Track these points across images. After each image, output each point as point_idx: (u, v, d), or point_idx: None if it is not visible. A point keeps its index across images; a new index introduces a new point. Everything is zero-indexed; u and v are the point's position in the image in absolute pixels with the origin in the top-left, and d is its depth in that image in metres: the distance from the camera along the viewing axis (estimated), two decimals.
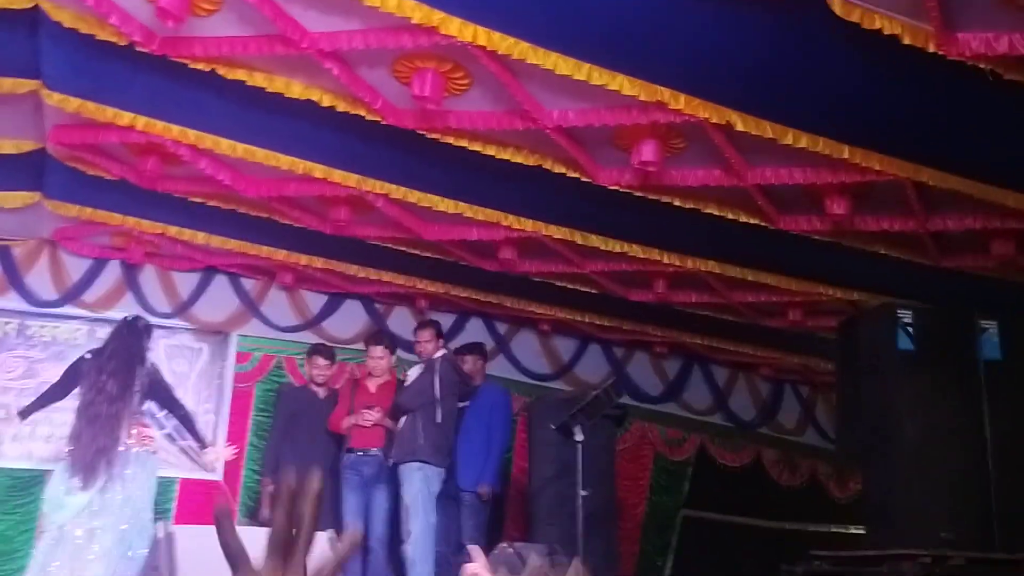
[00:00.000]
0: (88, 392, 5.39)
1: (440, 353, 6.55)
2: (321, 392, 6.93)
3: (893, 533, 5.44)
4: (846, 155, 4.90)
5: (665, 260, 6.70)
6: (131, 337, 5.63)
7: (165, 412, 6.04)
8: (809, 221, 5.88)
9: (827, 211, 5.57)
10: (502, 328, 8.93)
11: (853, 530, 9.10)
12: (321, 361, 7.03)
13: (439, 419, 6.18)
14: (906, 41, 3.88)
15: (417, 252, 7.15)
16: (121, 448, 5.26)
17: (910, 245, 6.18)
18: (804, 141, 4.80)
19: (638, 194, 5.68)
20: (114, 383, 5.38)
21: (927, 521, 5.40)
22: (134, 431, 5.39)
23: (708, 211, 5.83)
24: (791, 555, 6.70)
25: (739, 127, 4.68)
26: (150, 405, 5.77)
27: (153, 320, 7.58)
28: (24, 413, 5.56)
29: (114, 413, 5.31)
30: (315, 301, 8.32)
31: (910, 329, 5.54)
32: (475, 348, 7.34)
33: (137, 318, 5.86)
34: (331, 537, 4.32)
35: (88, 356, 5.61)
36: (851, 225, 5.78)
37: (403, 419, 6.34)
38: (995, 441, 5.55)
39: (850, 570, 5.61)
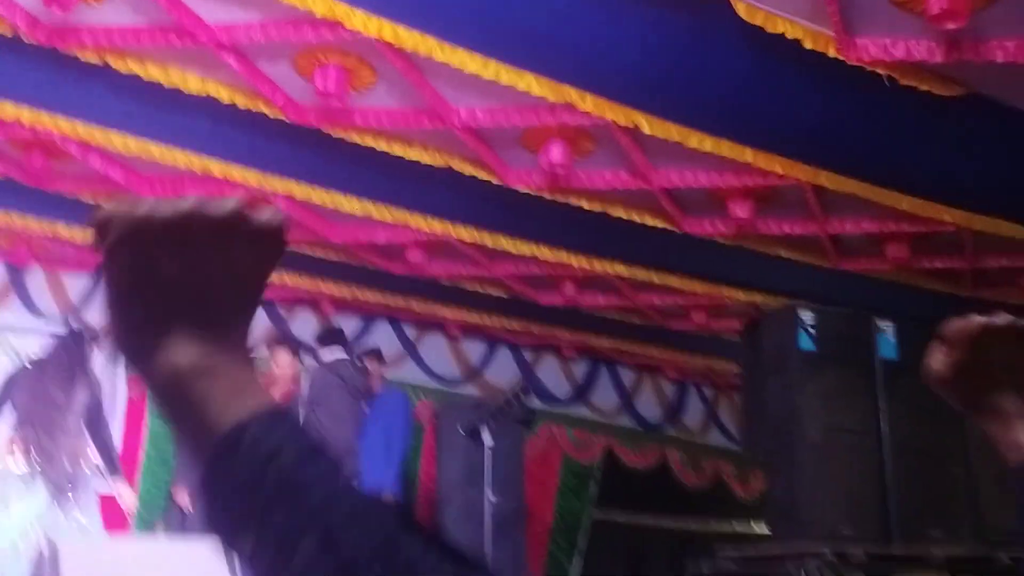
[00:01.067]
0: (32, 400, 5.11)
1: (328, 358, 6.35)
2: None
3: (796, 530, 5.53)
4: (749, 158, 4.97)
5: (574, 263, 6.70)
6: (76, 346, 5.33)
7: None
8: (713, 224, 5.96)
9: (730, 214, 5.66)
10: (410, 332, 8.81)
11: (757, 529, 9.29)
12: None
13: (309, 424, 6.03)
14: (807, 45, 3.95)
15: (322, 255, 6.99)
16: (66, 463, 5.02)
17: (810, 248, 6.33)
18: (708, 144, 4.84)
19: (547, 196, 5.66)
20: (59, 392, 5.12)
21: (829, 518, 5.51)
22: (82, 450, 5.13)
23: (615, 214, 5.85)
24: (697, 553, 6.79)
25: (645, 129, 4.69)
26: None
27: (42, 325, 7.32)
28: None
29: (60, 421, 5.08)
30: None
31: (811, 330, 5.66)
32: (373, 353, 7.20)
33: (81, 325, 5.51)
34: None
35: (28, 367, 5.27)
36: (754, 228, 5.89)
37: None
38: (892, 438, 5.71)
39: (755, 567, 5.69)
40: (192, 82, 4.70)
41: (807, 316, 5.70)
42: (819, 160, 5.07)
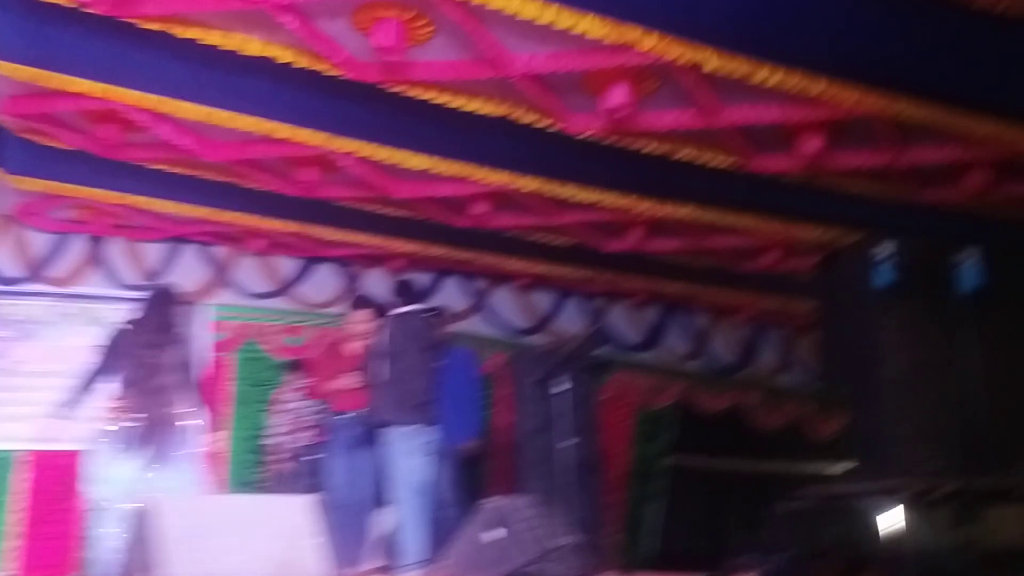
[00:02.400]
0: (134, 368, 5.21)
1: (400, 311, 6.40)
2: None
3: (879, 468, 5.44)
4: (822, 88, 4.83)
5: (640, 208, 6.62)
6: (165, 308, 5.45)
7: None
8: (783, 160, 5.82)
9: (801, 149, 5.52)
10: (479, 285, 8.85)
11: (838, 469, 9.17)
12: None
13: (384, 379, 6.10)
14: None
15: (389, 211, 7.03)
16: (174, 417, 5.17)
17: (886, 180, 6.15)
18: (778, 76, 4.72)
19: (610, 141, 5.59)
20: (159, 356, 5.23)
21: (913, 455, 5.40)
22: (182, 406, 5.28)
23: (681, 155, 5.75)
24: (777, 496, 6.75)
25: (710, 65, 4.59)
26: None
27: (123, 293, 7.52)
28: (68, 404, 5.30)
29: (164, 385, 5.19)
30: (288, 266, 8.19)
31: (889, 263, 5.51)
32: (433, 311, 7.23)
33: (163, 287, 5.63)
34: (315, 500, 4.27)
35: (128, 327, 5.42)
36: (826, 162, 5.73)
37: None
38: (977, 371, 5.56)
39: (838, 506, 5.63)
40: (253, 45, 4.73)
41: (884, 249, 5.54)
42: (894, 87, 4.91)
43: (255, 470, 7.71)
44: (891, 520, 5.22)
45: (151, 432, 5.08)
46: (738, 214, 6.83)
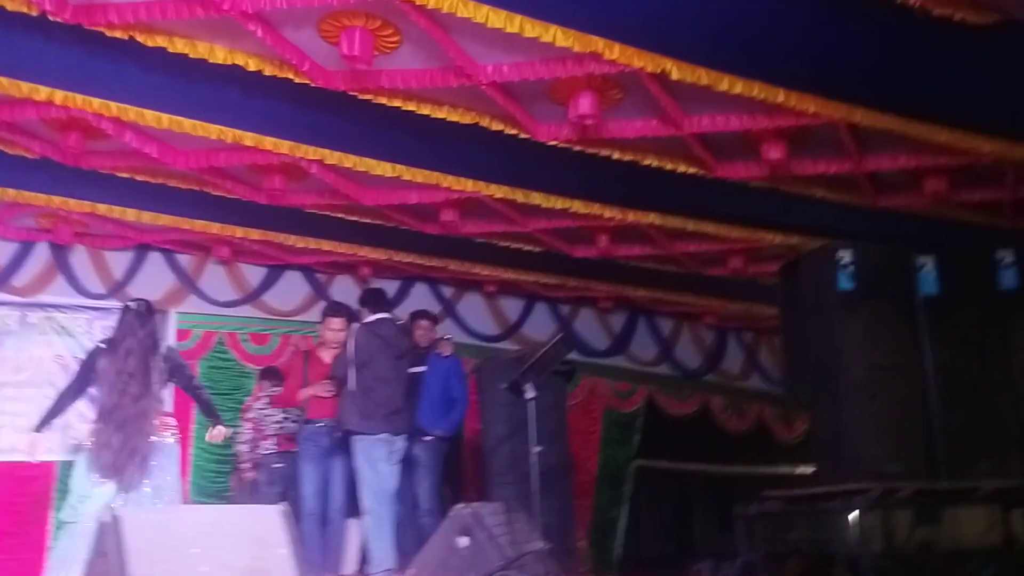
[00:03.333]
0: (111, 395, 5.02)
1: (369, 319, 6.40)
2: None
3: (842, 470, 5.54)
4: (781, 99, 4.93)
5: (607, 214, 6.69)
6: (141, 325, 5.31)
7: None
8: (747, 168, 5.92)
9: (764, 156, 5.61)
10: (447, 292, 8.87)
11: (800, 470, 9.30)
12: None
13: (351, 386, 6.08)
14: None
15: (357, 219, 7.03)
16: (150, 441, 5.10)
17: (847, 187, 6.26)
18: (740, 87, 4.81)
19: (577, 149, 5.65)
20: (136, 381, 5.08)
21: (875, 456, 5.52)
22: (157, 422, 5.19)
23: (647, 162, 5.82)
24: (743, 498, 6.82)
25: (674, 75, 4.66)
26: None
27: (87, 302, 7.45)
28: (41, 425, 5.19)
29: (141, 411, 5.06)
30: (254, 274, 8.16)
31: (850, 269, 5.62)
32: (424, 314, 7.24)
33: (140, 302, 5.50)
34: (285, 510, 4.25)
35: (102, 346, 5.30)
36: (788, 170, 5.83)
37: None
38: (936, 373, 5.68)
39: (802, 508, 5.72)
40: (219, 53, 4.71)
41: (845, 255, 5.66)
42: (853, 97, 5.01)
43: (219, 480, 7.66)
44: (854, 521, 5.31)
45: (125, 456, 5.00)
46: (703, 220, 6.92)
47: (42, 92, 5.04)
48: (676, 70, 4.63)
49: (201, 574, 3.73)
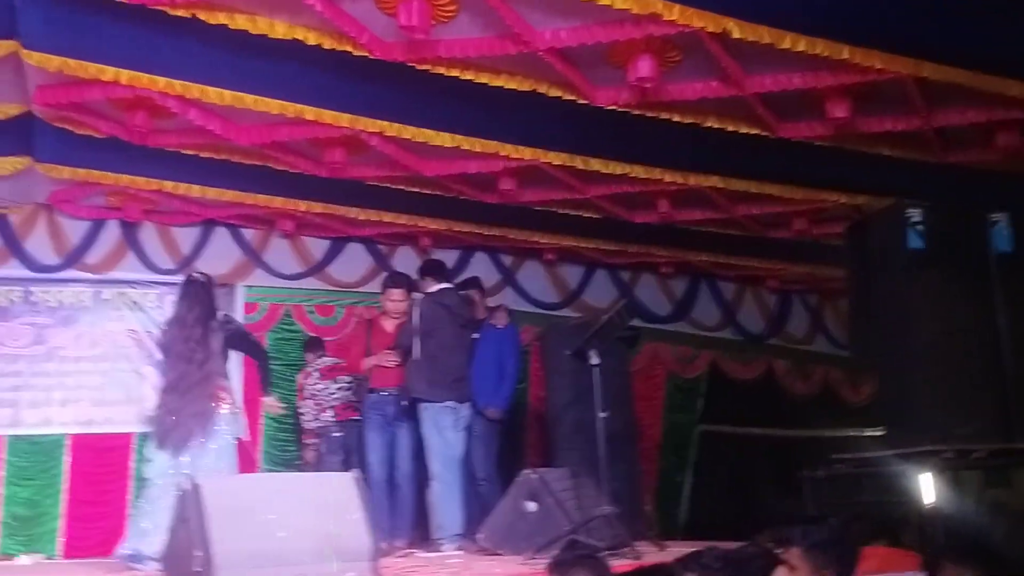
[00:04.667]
0: (178, 363, 5.24)
1: (432, 289, 6.46)
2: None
3: (911, 432, 5.45)
4: (846, 55, 4.82)
5: (667, 179, 6.63)
6: (205, 295, 5.48)
7: None
8: (810, 127, 5.80)
9: (828, 115, 5.49)
10: (507, 260, 8.89)
11: (868, 433, 9.17)
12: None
13: (416, 355, 6.17)
14: None
15: (417, 190, 7.07)
16: (213, 406, 5.25)
17: (914, 144, 6.11)
18: (802, 44, 4.71)
19: (636, 113, 5.59)
20: (201, 349, 5.28)
21: (944, 418, 5.41)
22: (222, 393, 5.36)
23: (708, 124, 5.75)
24: (808, 462, 6.76)
25: (735, 34, 4.59)
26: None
27: (157, 277, 7.63)
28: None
29: (205, 376, 5.25)
30: (318, 247, 8.27)
31: (919, 228, 5.49)
32: (472, 283, 7.28)
33: (201, 274, 5.66)
34: (357, 477, 4.34)
35: (165, 328, 5.48)
36: (853, 127, 5.71)
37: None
38: (1009, 333, 5.54)
39: (872, 470, 5.65)
40: (279, 28, 4.76)
41: (915, 213, 5.52)
42: (920, 51, 4.88)
43: (289, 449, 7.83)
44: (923, 484, 5.24)
45: (190, 421, 5.15)
46: (765, 182, 6.82)
47: (108, 72, 5.16)
48: (737, 29, 4.55)
49: (279, 539, 3.84)
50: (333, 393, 7.09)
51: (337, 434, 7.03)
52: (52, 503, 7.27)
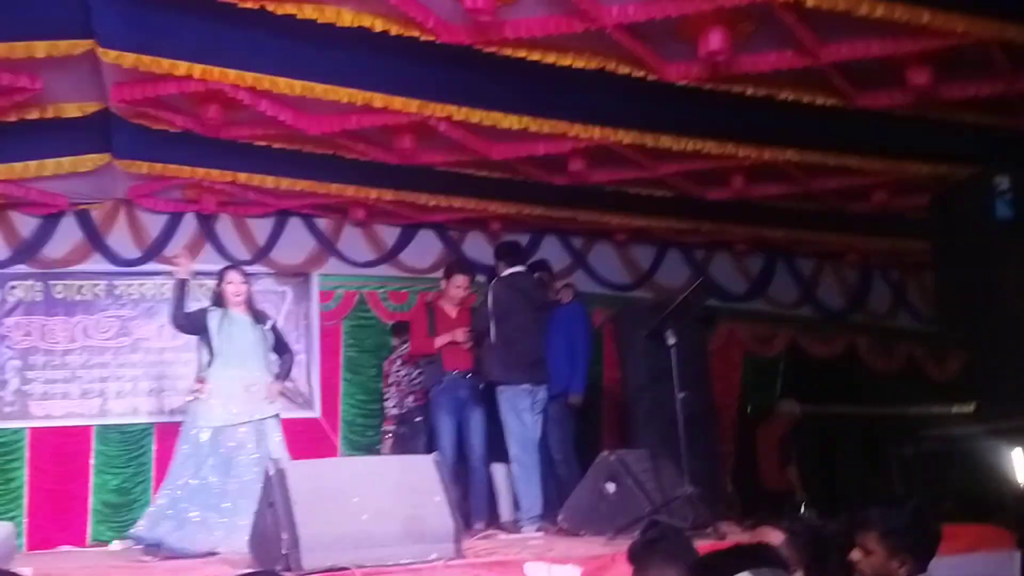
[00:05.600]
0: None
1: (506, 272, 6.45)
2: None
3: (1003, 407, 5.28)
4: (926, 20, 4.65)
5: (741, 154, 6.50)
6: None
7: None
8: (890, 95, 5.61)
9: (909, 82, 5.31)
10: (577, 242, 8.83)
11: (956, 410, 8.91)
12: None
13: (492, 340, 6.18)
14: None
15: (485, 174, 7.06)
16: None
17: (1000, 109, 5.87)
18: (880, 10, 4.57)
19: (708, 87, 5.49)
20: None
21: None
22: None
23: (783, 96, 5.61)
24: (895, 439, 6.61)
25: (810, 2, 4.47)
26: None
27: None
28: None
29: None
30: (389, 234, 8.32)
31: (1008, 196, 5.29)
32: (540, 266, 7.26)
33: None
34: (436, 459, 4.36)
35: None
36: (935, 95, 5.51)
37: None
38: None
39: (961, 448, 5.50)
40: (346, 16, 4.78)
41: (1003, 181, 5.32)
42: (1005, 13, 4.68)
43: (368, 434, 7.93)
44: (1016, 461, 5.07)
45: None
46: (844, 154, 6.64)
47: (181, 67, 5.25)
48: None
49: (362, 522, 3.88)
50: (415, 379, 7.15)
51: (419, 419, 7.09)
52: (142, 490, 7.47)
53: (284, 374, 5.86)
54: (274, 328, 5.88)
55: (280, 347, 5.87)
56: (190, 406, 5.65)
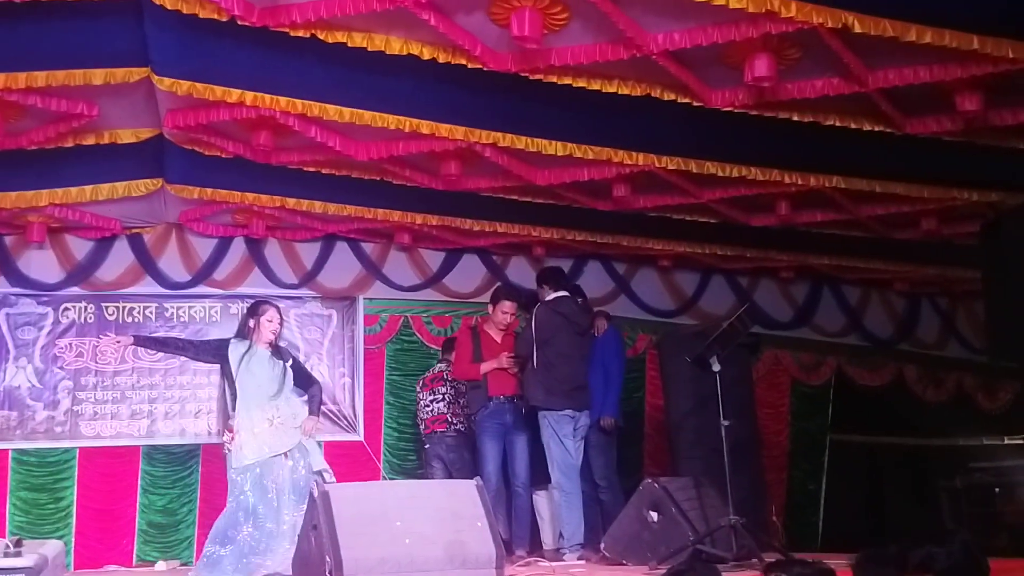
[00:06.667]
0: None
1: (550, 297, 6.47)
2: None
3: None
4: (975, 46, 4.61)
5: (786, 180, 6.46)
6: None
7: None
8: (939, 122, 5.57)
9: (958, 108, 5.26)
10: (621, 268, 8.83)
11: (1008, 440, 8.73)
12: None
13: (534, 365, 6.18)
14: None
15: (530, 199, 7.10)
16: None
17: None
18: (929, 36, 4.53)
19: (753, 113, 5.48)
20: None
21: None
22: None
23: (829, 123, 5.58)
24: (944, 470, 6.48)
25: (856, 29, 4.45)
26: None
27: (281, 292, 7.85)
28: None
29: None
30: (434, 258, 8.38)
31: None
32: (575, 291, 7.24)
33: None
34: (478, 484, 4.37)
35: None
36: (985, 121, 5.46)
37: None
38: None
39: (1012, 480, 5.38)
40: (395, 44, 4.86)
41: None
42: None
43: (410, 458, 7.95)
44: None
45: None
46: (891, 181, 6.57)
47: (233, 95, 5.37)
48: (858, 23, 4.41)
49: (405, 546, 3.90)
50: (428, 405, 7.21)
51: (427, 446, 7.15)
52: (188, 511, 7.57)
53: (316, 408, 5.75)
54: (295, 364, 5.82)
55: (304, 381, 5.80)
56: (228, 456, 5.64)
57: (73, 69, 5.12)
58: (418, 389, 7.40)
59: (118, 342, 6.58)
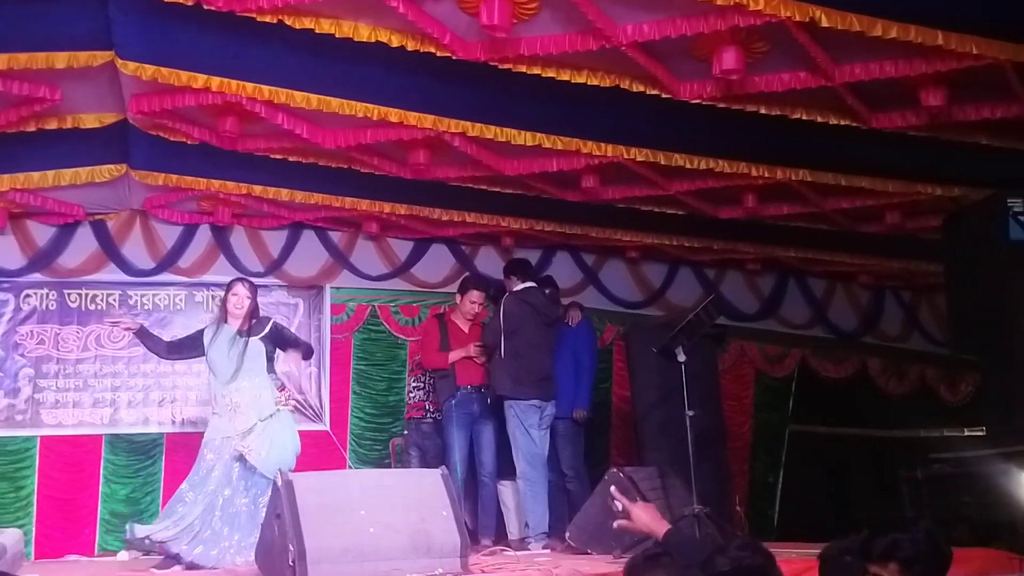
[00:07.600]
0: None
1: (518, 287, 6.47)
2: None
3: (1015, 431, 5.25)
4: (940, 42, 4.65)
5: (753, 173, 6.50)
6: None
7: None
8: (904, 116, 5.62)
9: (922, 104, 5.31)
10: (589, 259, 8.84)
11: (968, 433, 8.85)
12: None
13: (502, 355, 6.19)
14: None
15: (498, 189, 7.09)
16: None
17: (1014, 131, 5.86)
18: (894, 31, 4.56)
19: (721, 106, 5.50)
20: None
21: None
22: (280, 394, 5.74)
23: (796, 116, 5.62)
24: (905, 461, 6.56)
25: (824, 23, 4.47)
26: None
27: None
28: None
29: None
30: (402, 248, 8.35)
31: (1022, 218, 5.28)
32: (547, 282, 7.26)
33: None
34: (443, 473, 4.36)
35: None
36: (949, 116, 5.51)
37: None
38: None
39: (972, 471, 5.46)
40: (363, 31, 4.82)
41: (1017, 203, 5.32)
42: (1018, 35, 4.68)
43: (376, 447, 7.93)
44: None
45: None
46: (856, 175, 6.63)
47: (199, 80, 5.30)
48: (825, 18, 4.43)
49: (369, 535, 3.88)
50: (411, 392, 7.21)
51: (405, 432, 7.18)
52: (151, 500, 7.48)
53: (307, 354, 6.08)
54: (273, 330, 5.89)
55: (286, 343, 5.92)
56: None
57: (35, 52, 5.02)
58: (414, 378, 7.40)
59: (119, 323, 6.45)
